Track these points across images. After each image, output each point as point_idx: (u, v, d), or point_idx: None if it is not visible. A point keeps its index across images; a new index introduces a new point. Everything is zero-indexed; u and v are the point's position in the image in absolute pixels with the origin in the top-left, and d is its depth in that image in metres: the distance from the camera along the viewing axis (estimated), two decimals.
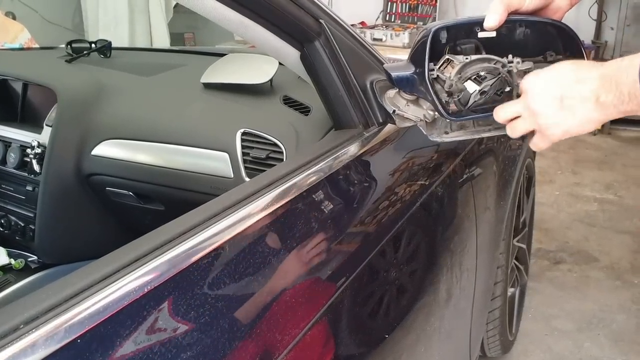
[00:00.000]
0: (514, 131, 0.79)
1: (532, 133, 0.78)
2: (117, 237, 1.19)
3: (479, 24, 0.79)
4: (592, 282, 2.34)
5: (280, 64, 1.23)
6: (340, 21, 0.96)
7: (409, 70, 0.87)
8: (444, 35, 0.81)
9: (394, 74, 0.90)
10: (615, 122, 4.20)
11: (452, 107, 0.86)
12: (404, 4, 5.01)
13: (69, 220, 1.42)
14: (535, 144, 0.78)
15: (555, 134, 0.74)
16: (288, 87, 1.32)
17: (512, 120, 0.78)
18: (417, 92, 0.89)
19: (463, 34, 0.82)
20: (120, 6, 4.49)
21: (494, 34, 0.79)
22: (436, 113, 0.92)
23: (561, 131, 0.73)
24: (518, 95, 0.79)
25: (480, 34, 0.80)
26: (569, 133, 0.73)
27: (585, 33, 4.43)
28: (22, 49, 2.32)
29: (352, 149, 0.90)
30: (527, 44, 0.81)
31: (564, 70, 0.71)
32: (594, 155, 3.83)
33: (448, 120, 0.91)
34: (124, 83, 1.46)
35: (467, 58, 0.83)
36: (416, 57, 0.84)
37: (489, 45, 0.82)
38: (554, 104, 0.71)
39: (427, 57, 0.81)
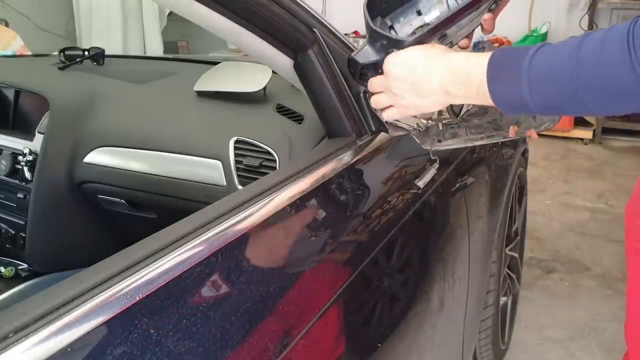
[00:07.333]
0: (377, 105, 0.86)
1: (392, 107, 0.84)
2: (109, 245, 1.18)
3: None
4: (584, 291, 2.35)
5: (273, 72, 1.24)
6: (334, 30, 0.96)
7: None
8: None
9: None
10: (606, 131, 4.23)
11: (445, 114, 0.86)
12: None
13: (60, 228, 1.41)
14: (390, 115, 0.86)
15: (410, 111, 0.83)
16: (281, 95, 1.32)
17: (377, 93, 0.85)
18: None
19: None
20: (114, 14, 4.50)
21: None
22: (429, 122, 0.93)
23: (415, 110, 0.82)
24: None
25: None
26: (422, 111, 0.83)
27: None
28: (14, 56, 2.32)
29: (345, 158, 0.90)
30: None
31: (416, 57, 0.77)
32: (585, 165, 3.85)
33: (441, 128, 0.91)
34: (117, 91, 1.46)
35: None
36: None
37: None
38: (410, 89, 0.78)
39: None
